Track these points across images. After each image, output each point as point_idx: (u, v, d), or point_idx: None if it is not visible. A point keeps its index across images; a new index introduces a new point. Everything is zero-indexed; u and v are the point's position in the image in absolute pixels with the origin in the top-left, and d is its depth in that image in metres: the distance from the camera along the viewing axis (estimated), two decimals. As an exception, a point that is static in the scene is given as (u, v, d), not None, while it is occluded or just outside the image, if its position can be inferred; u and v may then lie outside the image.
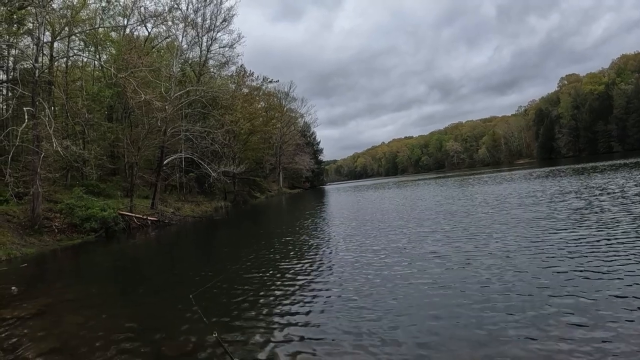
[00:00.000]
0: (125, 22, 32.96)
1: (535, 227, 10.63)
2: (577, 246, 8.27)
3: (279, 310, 6.54)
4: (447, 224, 13.17)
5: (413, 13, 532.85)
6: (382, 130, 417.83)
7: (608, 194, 15.66)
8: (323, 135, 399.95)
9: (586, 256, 7.52)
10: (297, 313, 6.31)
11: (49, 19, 22.28)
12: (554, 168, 45.53)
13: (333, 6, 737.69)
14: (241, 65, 48.29)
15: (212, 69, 44.58)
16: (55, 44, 26.39)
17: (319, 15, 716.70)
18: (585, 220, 10.82)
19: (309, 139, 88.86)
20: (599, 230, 9.39)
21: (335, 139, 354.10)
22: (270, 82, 58.78)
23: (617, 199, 14.00)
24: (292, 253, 11.22)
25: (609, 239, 8.47)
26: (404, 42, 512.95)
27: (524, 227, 10.92)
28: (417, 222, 14.52)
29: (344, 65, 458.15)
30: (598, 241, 8.42)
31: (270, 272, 9.21)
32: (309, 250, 11.60)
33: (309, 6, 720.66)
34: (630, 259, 6.98)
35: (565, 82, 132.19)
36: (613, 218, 10.60)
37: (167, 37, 37.49)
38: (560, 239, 9.08)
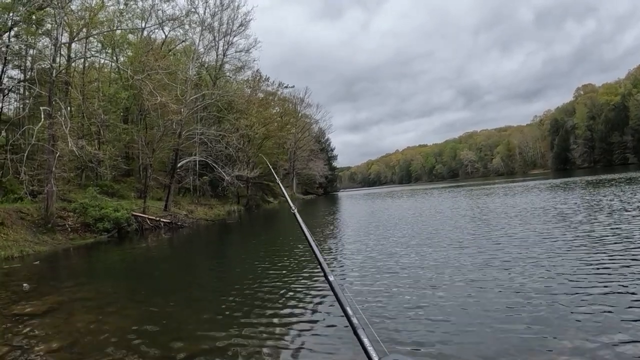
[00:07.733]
0: (143, 25, 33.15)
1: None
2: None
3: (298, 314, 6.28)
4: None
5: (455, 17, 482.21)
6: (402, 137, 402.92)
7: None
8: (344, 140, 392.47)
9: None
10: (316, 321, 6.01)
11: (67, 20, 22.44)
12: (576, 179, 44.51)
13: (374, 6, 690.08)
14: (257, 70, 48.30)
15: (228, 73, 44.67)
16: (73, 45, 26.50)
17: (359, 15, 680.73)
18: None
19: (323, 145, 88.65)
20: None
21: (356, 145, 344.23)
22: (286, 87, 58.69)
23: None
24: (306, 263, 10.33)
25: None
26: (441, 46, 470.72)
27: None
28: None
29: (375, 68, 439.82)
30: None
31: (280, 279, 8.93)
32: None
33: (350, 5, 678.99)
34: None
35: (581, 92, 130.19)
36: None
37: (183, 41, 37.61)
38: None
